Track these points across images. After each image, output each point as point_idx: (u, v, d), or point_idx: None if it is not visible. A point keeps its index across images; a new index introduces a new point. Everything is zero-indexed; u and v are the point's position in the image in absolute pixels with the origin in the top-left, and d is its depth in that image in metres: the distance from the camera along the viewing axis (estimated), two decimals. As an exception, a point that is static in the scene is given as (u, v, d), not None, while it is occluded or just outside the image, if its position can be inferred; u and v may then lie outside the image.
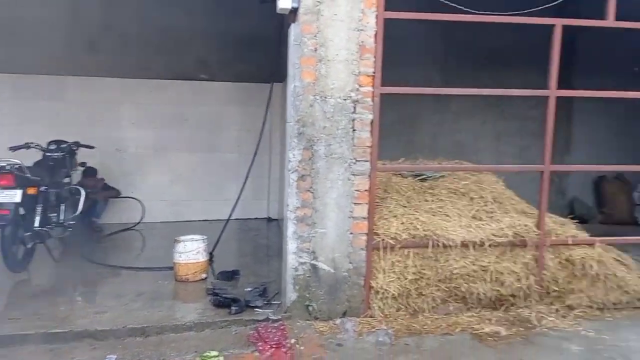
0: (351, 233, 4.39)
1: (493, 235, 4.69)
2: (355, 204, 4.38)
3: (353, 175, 4.37)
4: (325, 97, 4.30)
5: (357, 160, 4.37)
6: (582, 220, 8.46)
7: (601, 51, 8.02)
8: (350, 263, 4.41)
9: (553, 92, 4.77)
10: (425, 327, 4.32)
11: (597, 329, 4.43)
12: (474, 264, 4.60)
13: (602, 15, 4.76)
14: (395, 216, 4.72)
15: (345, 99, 4.33)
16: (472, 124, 8.70)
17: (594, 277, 4.77)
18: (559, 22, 4.63)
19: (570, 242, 4.85)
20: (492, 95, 6.38)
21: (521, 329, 4.37)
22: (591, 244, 4.91)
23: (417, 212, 4.83)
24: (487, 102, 8.43)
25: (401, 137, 7.98)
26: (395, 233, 4.54)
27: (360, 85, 4.34)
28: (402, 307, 4.46)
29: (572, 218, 5.44)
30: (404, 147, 7.41)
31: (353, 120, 4.35)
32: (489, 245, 4.64)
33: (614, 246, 5.16)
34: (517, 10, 4.66)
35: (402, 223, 4.64)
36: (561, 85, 4.86)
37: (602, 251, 4.89)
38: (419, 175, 5.46)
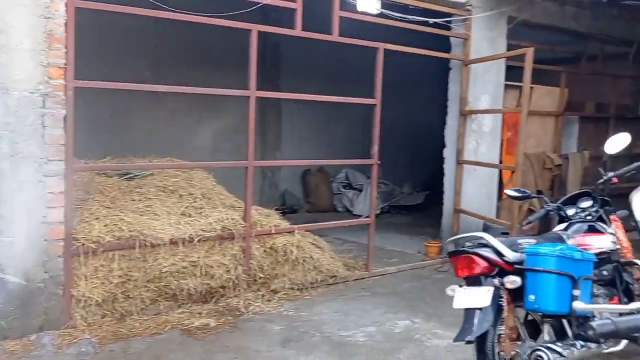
0: (46, 240, 4.01)
1: (202, 230, 4.81)
2: (49, 207, 4.02)
3: (46, 176, 3.99)
4: (8, 90, 3.84)
5: (49, 160, 4.00)
6: (293, 210, 9.37)
7: (302, 57, 8.90)
8: (46, 272, 4.02)
9: (253, 92, 5.10)
10: (133, 330, 4.20)
11: (296, 307, 4.92)
12: (183, 261, 4.65)
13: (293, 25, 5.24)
14: (97, 218, 4.46)
15: (32, 92, 3.92)
16: (189, 122, 8.73)
17: (294, 261, 5.28)
18: (254, 27, 4.95)
19: (273, 231, 5.27)
20: (207, 94, 6.47)
21: (230, 317, 4.59)
22: (291, 232, 5.42)
23: (122, 212, 4.66)
24: (203, 101, 8.51)
25: (113, 134, 7.57)
26: (98, 236, 4.30)
27: (50, 78, 3.99)
28: (108, 312, 4.26)
29: (282, 209, 5.92)
30: (116, 144, 7.05)
31: (43, 115, 3.97)
32: (198, 241, 4.74)
33: (313, 232, 5.80)
34: (227, 12, 4.81)
35: (106, 225, 4.42)
36: (269, 86, 5.20)
37: (300, 237, 5.44)
38: (126, 174, 5.27)
